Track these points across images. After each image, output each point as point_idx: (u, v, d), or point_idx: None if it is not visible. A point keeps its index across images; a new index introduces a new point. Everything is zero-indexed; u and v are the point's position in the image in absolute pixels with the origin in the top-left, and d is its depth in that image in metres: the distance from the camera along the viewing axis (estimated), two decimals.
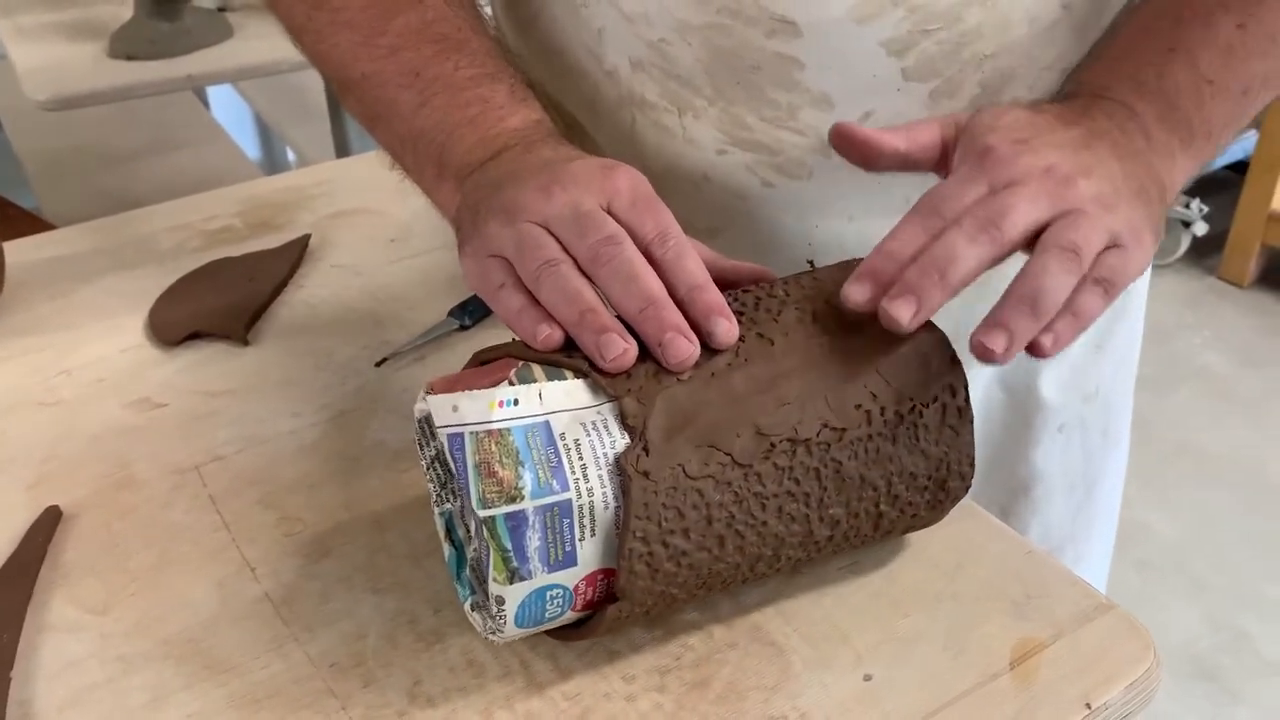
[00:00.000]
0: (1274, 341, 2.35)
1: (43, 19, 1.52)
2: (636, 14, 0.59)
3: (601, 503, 0.41)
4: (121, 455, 0.59)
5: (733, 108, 0.61)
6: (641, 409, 0.42)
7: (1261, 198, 2.39)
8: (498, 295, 0.47)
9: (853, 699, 0.45)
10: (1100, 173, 0.46)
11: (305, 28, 0.60)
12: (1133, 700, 0.46)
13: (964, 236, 0.44)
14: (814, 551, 0.46)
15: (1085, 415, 0.73)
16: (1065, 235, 0.44)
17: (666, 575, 0.43)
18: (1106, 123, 0.49)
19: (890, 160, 0.50)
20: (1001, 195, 0.45)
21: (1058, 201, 0.45)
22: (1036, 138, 0.47)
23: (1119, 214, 0.45)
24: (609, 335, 0.43)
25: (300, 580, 0.51)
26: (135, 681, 0.46)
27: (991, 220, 0.44)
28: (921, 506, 0.48)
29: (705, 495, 0.42)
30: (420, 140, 0.55)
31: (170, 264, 0.77)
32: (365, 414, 0.62)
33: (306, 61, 0.64)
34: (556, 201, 0.47)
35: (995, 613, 0.49)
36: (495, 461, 0.41)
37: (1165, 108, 0.51)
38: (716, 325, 0.44)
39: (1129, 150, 0.49)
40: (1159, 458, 1.99)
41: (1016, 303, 0.43)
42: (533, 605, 0.42)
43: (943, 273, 0.43)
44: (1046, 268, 0.43)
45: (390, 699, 0.45)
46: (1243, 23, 0.51)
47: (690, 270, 0.46)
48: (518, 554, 0.41)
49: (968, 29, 0.57)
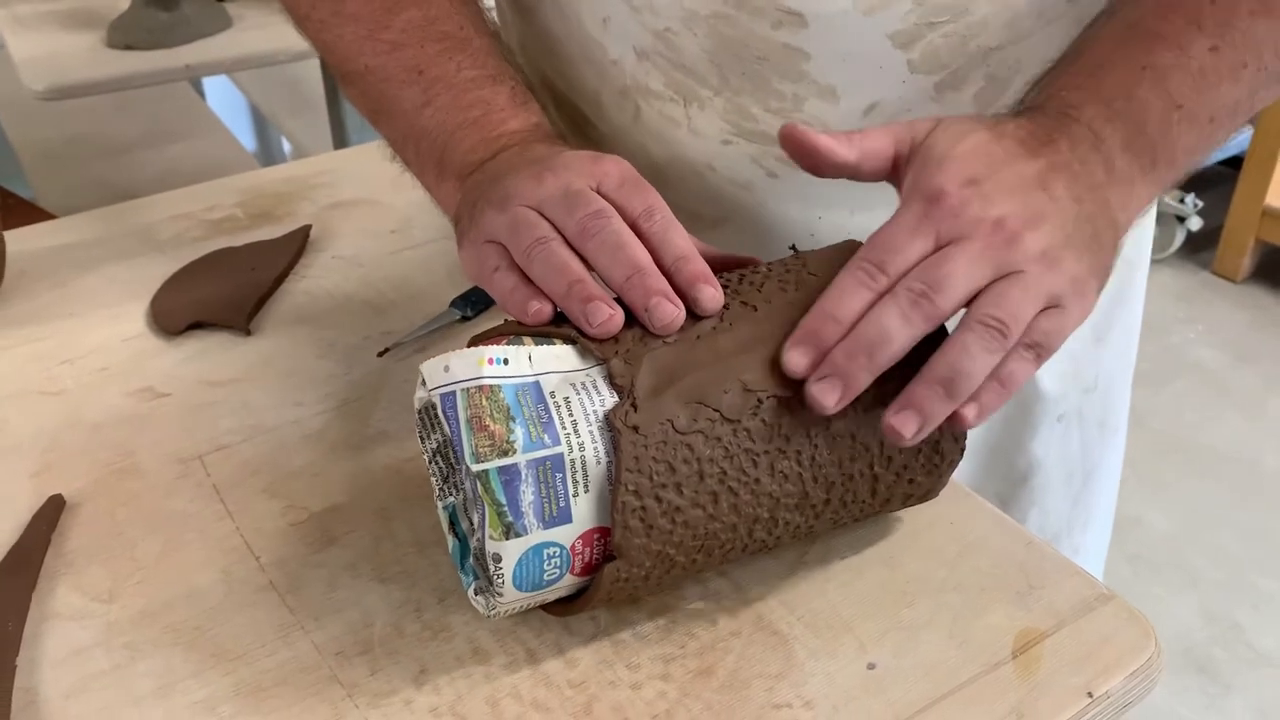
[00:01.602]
0: (1267, 336, 2.36)
1: (40, 8, 1.52)
2: (643, 4, 0.60)
3: (594, 458, 0.42)
4: (125, 444, 0.59)
5: (738, 98, 0.61)
6: (629, 369, 0.43)
7: (1256, 193, 2.40)
8: (492, 278, 0.48)
9: (857, 687, 0.45)
10: (1052, 222, 0.45)
11: (310, 17, 0.61)
12: (1134, 689, 0.46)
13: (897, 312, 0.43)
14: (812, 517, 0.47)
15: (1084, 406, 0.73)
16: (994, 309, 0.43)
17: (662, 532, 0.43)
18: (1069, 153, 0.47)
19: (837, 169, 0.48)
20: (944, 258, 0.43)
21: (1001, 263, 0.43)
22: (991, 177, 0.45)
23: (1063, 270, 0.44)
24: (595, 303, 0.44)
25: (305, 569, 0.51)
26: (141, 669, 0.47)
27: (927, 292, 0.43)
28: (917, 471, 0.48)
29: (695, 450, 0.43)
30: (423, 139, 0.56)
31: (171, 253, 0.76)
32: (368, 404, 0.62)
33: (305, 52, 0.65)
34: (547, 185, 0.48)
35: (997, 602, 0.49)
36: (486, 416, 0.41)
37: (1132, 132, 0.48)
38: (701, 292, 0.45)
39: (1088, 184, 0.47)
40: (1153, 451, 2.00)
41: (931, 384, 0.42)
42: (530, 564, 0.42)
43: (870, 355, 0.43)
44: (967, 348, 0.42)
45: (396, 687, 0.45)
46: (1216, 45, 0.49)
47: (676, 242, 0.47)
48: (512, 508, 0.41)
49: (974, 21, 0.57)
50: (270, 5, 1.52)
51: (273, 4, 1.53)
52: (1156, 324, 2.35)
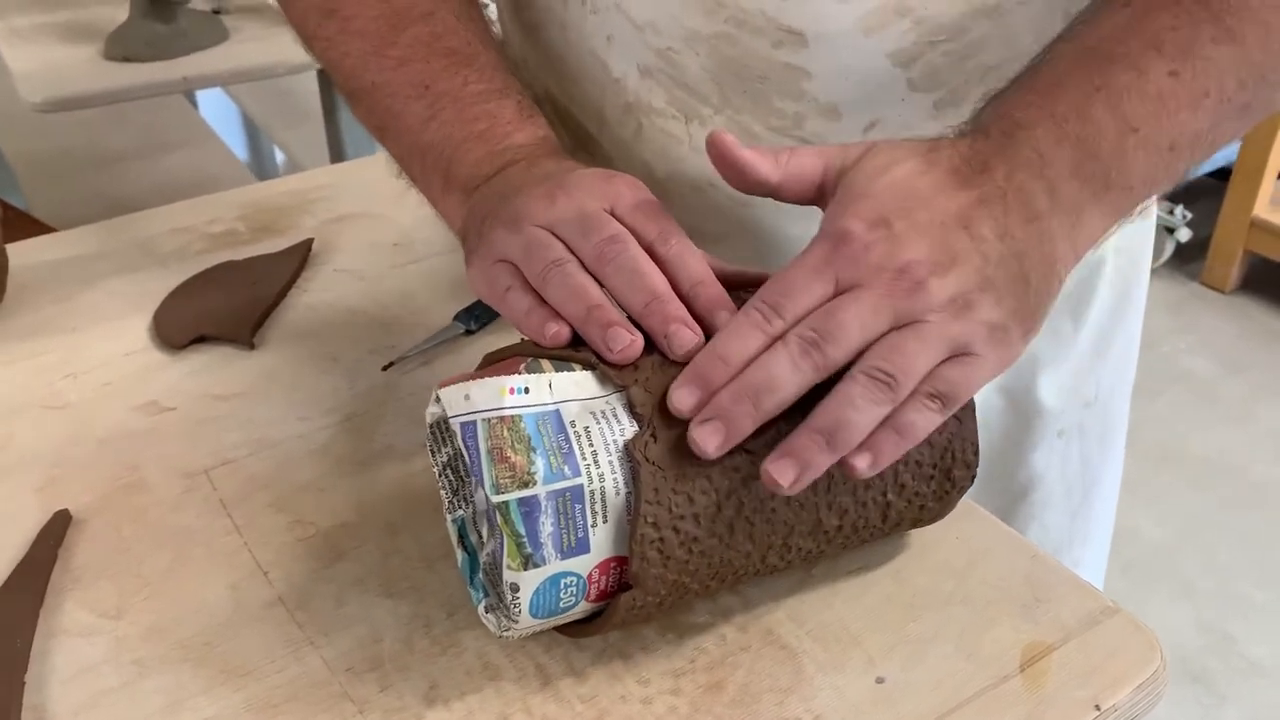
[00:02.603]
0: (1257, 346, 2.37)
1: (37, 21, 1.52)
2: (645, 22, 0.60)
3: (613, 489, 0.42)
4: (130, 459, 0.59)
5: (739, 116, 0.61)
6: (649, 397, 0.43)
7: (1244, 205, 2.42)
8: (505, 298, 0.48)
9: (866, 701, 0.45)
10: (967, 265, 0.43)
11: (316, 35, 0.61)
12: (1140, 702, 0.47)
13: (787, 358, 0.42)
14: (824, 543, 0.47)
15: (1084, 420, 0.74)
16: (882, 362, 0.41)
17: (678, 563, 0.43)
18: (1003, 183, 0.45)
19: (758, 186, 0.47)
20: (838, 306, 0.42)
21: (901, 312, 0.42)
22: (906, 216, 0.43)
23: (974, 316, 0.43)
24: (615, 329, 0.44)
25: (314, 584, 0.51)
26: (151, 685, 0.46)
27: (817, 341, 0.42)
28: (929, 497, 0.48)
29: (714, 481, 0.43)
30: (428, 153, 0.56)
31: (174, 267, 0.76)
32: (374, 418, 0.62)
33: (302, 65, 0.66)
34: (560, 206, 0.48)
35: (1004, 616, 0.49)
36: (508, 447, 0.41)
37: (1083, 156, 0.46)
38: (719, 318, 0.45)
39: (1022, 217, 0.44)
40: (1145, 462, 2.01)
41: (812, 434, 0.41)
42: (547, 593, 0.42)
43: (756, 401, 0.42)
44: (851, 399, 0.41)
45: (407, 703, 0.45)
46: (1175, 70, 0.47)
47: (693, 267, 0.47)
48: (531, 539, 0.41)
49: (973, 40, 0.57)
50: (267, 18, 1.52)
51: (270, 17, 1.54)
52: (1146, 335, 2.32)
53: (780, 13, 0.56)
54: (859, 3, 0.55)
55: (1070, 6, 0.60)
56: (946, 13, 0.56)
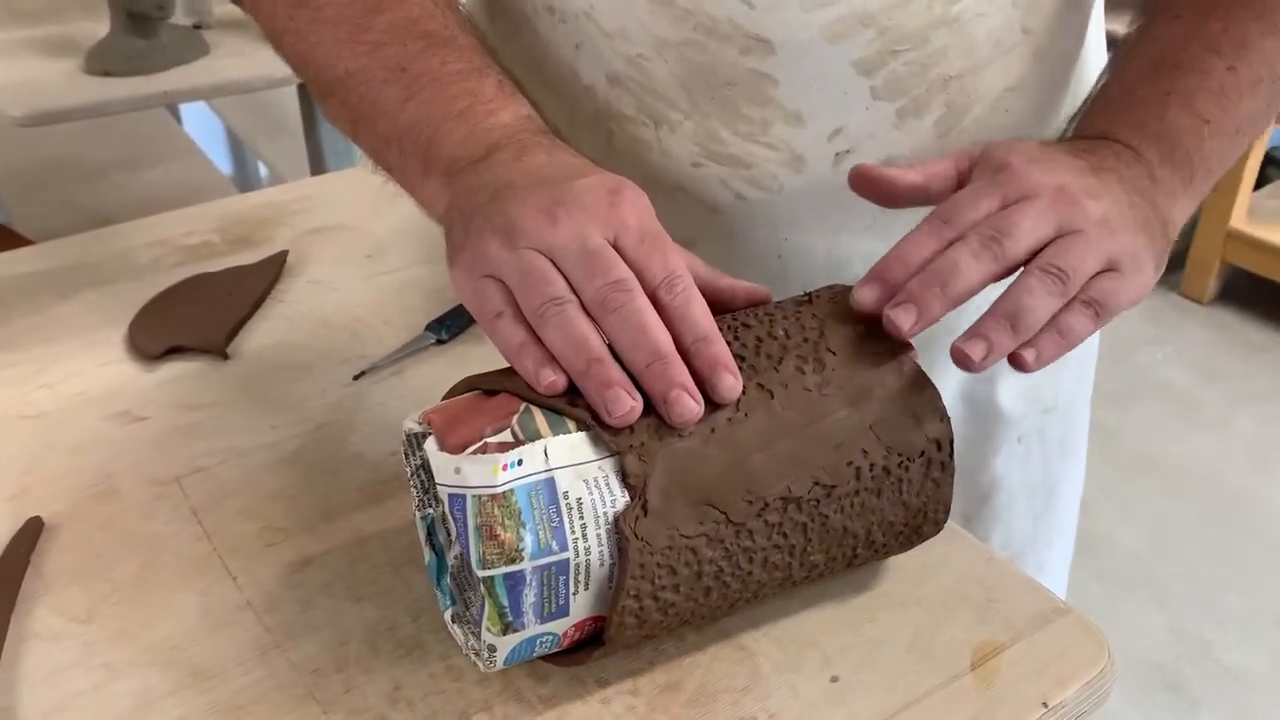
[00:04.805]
0: (1233, 356, 2.39)
1: (17, 35, 1.52)
2: (615, 30, 0.61)
3: (598, 560, 0.42)
4: (103, 467, 0.60)
5: (707, 122, 0.63)
6: (643, 467, 0.42)
7: (1220, 216, 2.44)
8: (495, 324, 0.45)
9: (821, 700, 0.47)
10: (1107, 197, 0.49)
11: (287, 29, 0.58)
12: (1087, 700, 0.48)
13: (969, 251, 0.46)
14: (789, 586, 0.48)
15: (1044, 426, 0.75)
16: (1056, 258, 0.46)
17: (653, 624, 0.44)
18: (1114, 160, 0.52)
19: (909, 195, 0.52)
20: (1011, 211, 0.47)
21: (1064, 220, 0.47)
22: (1050, 160, 0.50)
23: (1120, 239, 0.48)
24: (615, 391, 0.42)
25: (282, 589, 0.52)
26: (120, 688, 0.47)
27: (996, 237, 0.46)
28: (894, 548, 0.50)
29: (698, 553, 0.43)
30: (406, 135, 0.53)
31: (149, 279, 0.77)
32: (343, 427, 0.63)
33: (282, 79, 0.65)
34: (562, 230, 0.45)
35: (958, 617, 0.51)
36: (497, 524, 0.41)
37: (1168, 149, 0.53)
38: (721, 380, 0.44)
39: (1135, 186, 0.51)
40: (1121, 470, 2.03)
41: (998, 317, 0.46)
42: (522, 650, 0.44)
43: (944, 285, 0.46)
44: (1030, 288, 0.46)
45: (371, 704, 0.46)
46: (1233, 65, 0.55)
47: (697, 320, 0.45)
48: (513, 609, 0.42)
49: (934, 50, 0.59)
50: (248, 33, 1.53)
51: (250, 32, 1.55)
52: (1125, 344, 2.39)
53: (748, 21, 0.58)
54: (824, 11, 0.57)
55: (1027, 20, 0.62)
56: (909, 23, 0.58)
